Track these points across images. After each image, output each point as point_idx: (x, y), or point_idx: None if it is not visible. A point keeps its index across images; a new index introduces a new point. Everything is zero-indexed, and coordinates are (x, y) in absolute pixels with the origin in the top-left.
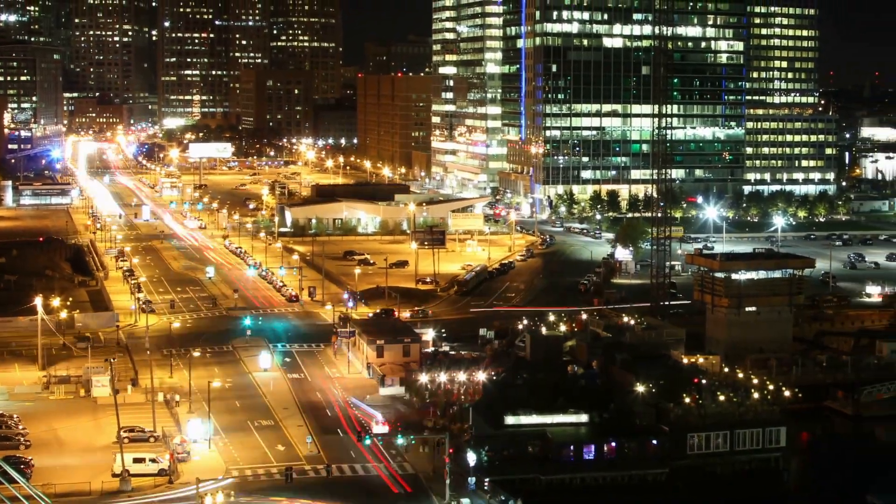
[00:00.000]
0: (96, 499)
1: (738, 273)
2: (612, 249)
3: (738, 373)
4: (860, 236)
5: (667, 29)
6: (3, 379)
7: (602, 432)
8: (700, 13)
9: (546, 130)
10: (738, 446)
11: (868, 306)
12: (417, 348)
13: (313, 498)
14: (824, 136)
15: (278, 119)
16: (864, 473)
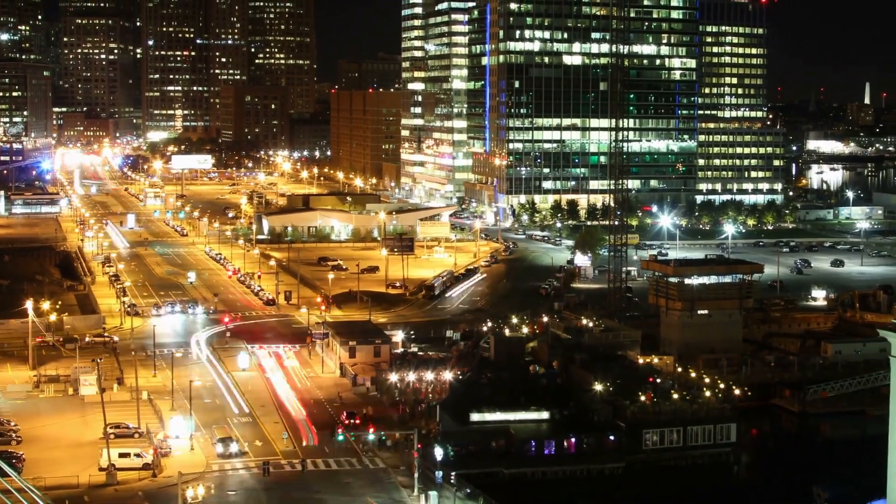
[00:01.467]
0: (84, 491)
1: (690, 278)
2: (572, 256)
3: (690, 372)
4: (806, 243)
5: (623, 47)
6: None
7: (562, 428)
8: (654, 32)
9: (509, 143)
10: (691, 442)
11: (813, 309)
12: (387, 349)
13: (289, 490)
14: (772, 148)
15: (256, 132)
16: (810, 467)
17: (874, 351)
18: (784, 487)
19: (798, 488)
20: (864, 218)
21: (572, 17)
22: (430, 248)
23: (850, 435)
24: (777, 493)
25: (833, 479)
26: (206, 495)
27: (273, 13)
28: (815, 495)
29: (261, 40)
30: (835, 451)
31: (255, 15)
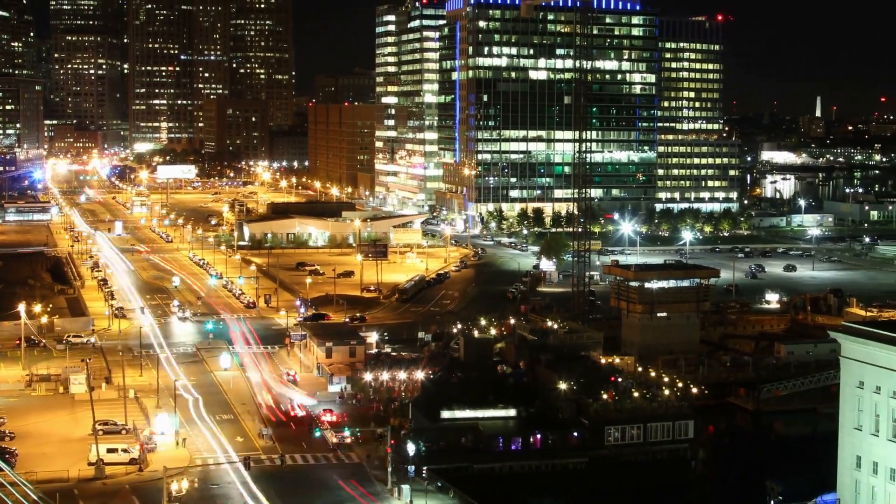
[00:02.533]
0: (74, 485)
1: (650, 282)
2: (538, 261)
3: (650, 372)
4: (760, 249)
5: (586, 63)
6: None
7: (528, 425)
8: (616, 48)
9: (478, 154)
10: (651, 438)
11: (767, 312)
12: (362, 350)
13: (269, 484)
14: (728, 159)
15: (237, 144)
16: (763, 462)
17: (825, 352)
18: (739, 481)
19: (752, 482)
20: (816, 225)
21: (538, 35)
22: (402, 254)
23: (801, 432)
24: (732, 486)
25: (786, 473)
26: (190, 489)
27: (253, 30)
28: (768, 489)
29: (242, 56)
30: (787, 446)
31: (236, 32)
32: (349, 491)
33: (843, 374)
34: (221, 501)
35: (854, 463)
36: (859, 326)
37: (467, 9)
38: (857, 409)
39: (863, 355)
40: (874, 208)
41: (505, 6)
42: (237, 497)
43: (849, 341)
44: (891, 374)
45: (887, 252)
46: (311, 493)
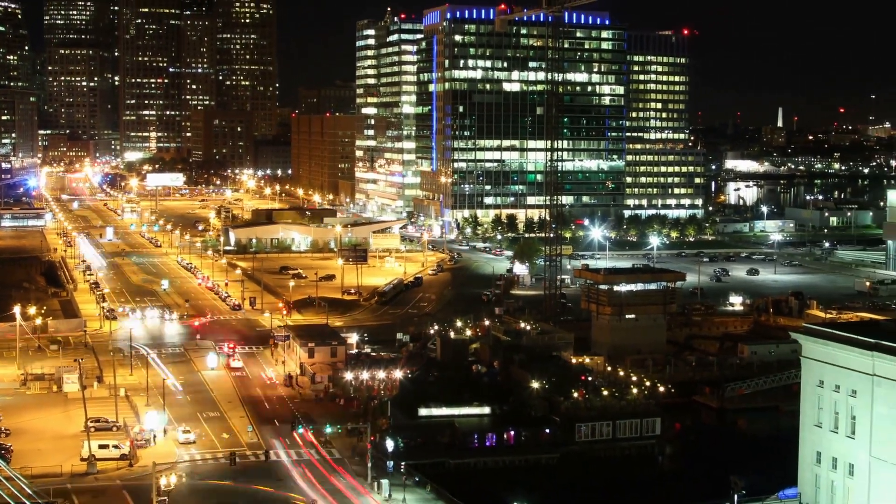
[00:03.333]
0: (67, 479)
1: (619, 285)
2: (511, 265)
3: (619, 371)
4: (724, 254)
5: (558, 75)
6: None
7: (502, 422)
8: (586, 61)
9: (454, 162)
10: (620, 434)
11: (731, 314)
12: (343, 350)
13: (254, 478)
14: (693, 167)
15: (223, 153)
16: (727, 458)
17: (786, 352)
18: (704, 476)
19: (717, 477)
20: (777, 231)
21: (511, 48)
22: (381, 259)
23: (764, 429)
24: (698, 481)
25: (749, 468)
26: (178, 483)
27: (239, 44)
28: (732, 484)
29: (228, 69)
30: (751, 443)
31: (222, 46)
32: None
33: (804, 374)
34: (208, 495)
35: (814, 458)
36: (819, 328)
37: (444, 23)
38: (817, 406)
39: (823, 355)
40: (833, 214)
41: (480, 21)
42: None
43: (809, 342)
44: (849, 373)
45: (846, 256)
46: (296, 486)
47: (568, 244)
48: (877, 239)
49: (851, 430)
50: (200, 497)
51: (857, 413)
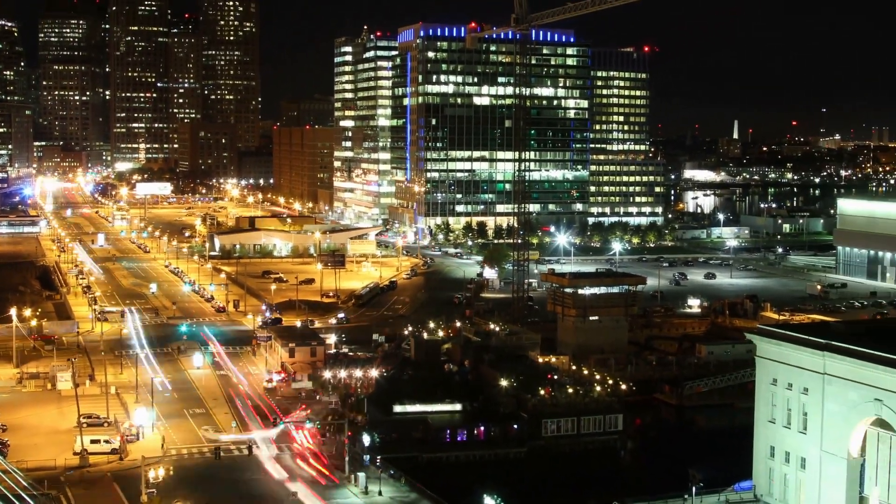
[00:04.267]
0: (60, 472)
1: (583, 289)
2: (481, 269)
3: (583, 370)
4: (683, 259)
5: (525, 90)
6: None
7: (472, 418)
8: (552, 77)
9: (427, 172)
10: (584, 430)
11: (689, 316)
12: (322, 350)
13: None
14: (654, 177)
15: (209, 163)
16: (686, 452)
17: (742, 352)
18: (663, 470)
19: (676, 470)
20: (733, 237)
21: (481, 64)
22: (358, 263)
23: (720, 425)
24: (657, 474)
25: (706, 462)
26: (166, 476)
27: (223, 60)
28: (690, 476)
29: (213, 84)
30: (708, 438)
31: (207, 62)
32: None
33: (759, 372)
34: (194, 487)
35: (768, 453)
36: (773, 329)
37: (417, 41)
38: (770, 403)
39: (776, 355)
40: (786, 222)
41: (451, 38)
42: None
43: (763, 342)
44: (801, 372)
45: (798, 261)
46: (276, 480)
47: (535, 250)
48: (827, 245)
49: (803, 425)
50: (187, 489)
51: (809, 410)
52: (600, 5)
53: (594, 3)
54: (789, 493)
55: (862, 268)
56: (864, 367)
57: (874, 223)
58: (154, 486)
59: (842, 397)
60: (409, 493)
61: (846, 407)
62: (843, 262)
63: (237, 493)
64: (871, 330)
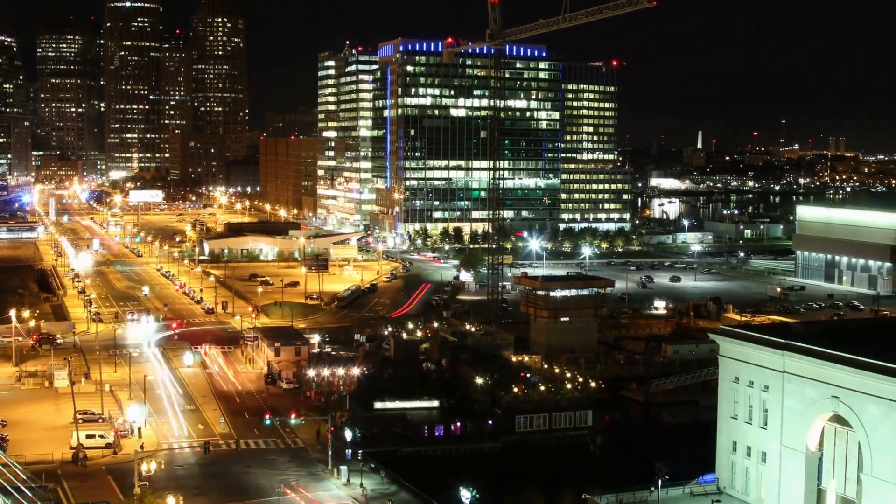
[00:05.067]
0: (57, 466)
1: (555, 291)
2: (458, 273)
3: (555, 368)
4: (649, 263)
5: (499, 102)
6: None
7: (449, 415)
8: (525, 89)
9: (406, 181)
10: (555, 425)
11: (655, 317)
12: (306, 349)
13: (226, 465)
14: (622, 184)
15: (198, 171)
16: (652, 447)
17: (705, 351)
18: (631, 463)
19: (642, 464)
20: (697, 242)
21: (457, 77)
22: (341, 267)
23: (685, 421)
24: (625, 467)
25: (671, 456)
26: (158, 469)
27: (212, 74)
28: (656, 470)
29: (202, 96)
30: (673, 434)
31: (197, 76)
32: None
33: (721, 371)
34: (184, 480)
35: (731, 447)
36: (735, 330)
37: (397, 55)
38: (733, 400)
39: (738, 354)
40: (748, 227)
41: (429, 53)
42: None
43: (726, 342)
44: (762, 370)
45: (759, 265)
46: (262, 473)
47: (509, 254)
48: (787, 249)
49: (764, 421)
50: (177, 481)
51: (769, 406)
52: (570, 22)
53: (565, 20)
54: (750, 485)
55: (820, 271)
56: (821, 366)
57: (831, 229)
58: (146, 479)
59: (800, 394)
60: (389, 485)
61: (805, 404)
62: (802, 266)
63: (225, 486)
64: (829, 330)
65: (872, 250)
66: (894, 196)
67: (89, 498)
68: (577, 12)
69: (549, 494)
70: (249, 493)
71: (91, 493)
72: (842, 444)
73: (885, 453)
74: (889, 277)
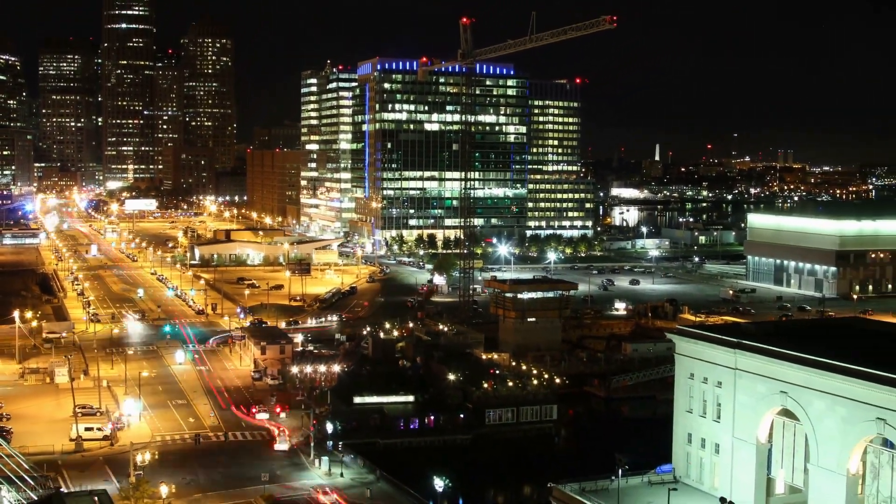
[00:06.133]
0: (58, 456)
1: (522, 293)
2: (431, 276)
3: (522, 365)
4: (610, 267)
5: (470, 117)
6: None
7: (423, 409)
8: (494, 105)
9: (383, 190)
10: (523, 419)
11: (616, 317)
12: (290, 348)
13: (216, 456)
14: (584, 194)
15: (190, 182)
16: (613, 438)
17: (662, 349)
18: (593, 454)
19: (604, 455)
20: (655, 248)
21: (431, 94)
22: (322, 271)
23: (644, 414)
24: (588, 458)
25: (631, 448)
26: (152, 459)
27: (203, 91)
28: (616, 460)
29: (193, 111)
30: (632, 426)
31: (189, 92)
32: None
33: (678, 368)
34: (177, 469)
35: (686, 439)
36: (690, 329)
37: (374, 73)
38: (688, 395)
39: (693, 352)
40: (702, 234)
41: (405, 71)
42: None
43: (682, 341)
44: (715, 367)
45: (712, 269)
46: (250, 462)
47: (479, 259)
48: (738, 254)
49: (717, 415)
50: (170, 470)
51: (722, 401)
52: (536, 42)
53: (531, 41)
54: (705, 475)
55: (769, 275)
56: (771, 363)
57: (780, 235)
58: (141, 468)
59: (751, 390)
60: (367, 474)
61: (755, 398)
62: (753, 270)
63: (215, 474)
64: (778, 330)
65: (818, 255)
66: (839, 205)
67: (88, 486)
68: (543, 33)
69: (516, 483)
70: (236, 481)
71: (89, 481)
72: (790, 436)
73: (830, 444)
74: (834, 281)
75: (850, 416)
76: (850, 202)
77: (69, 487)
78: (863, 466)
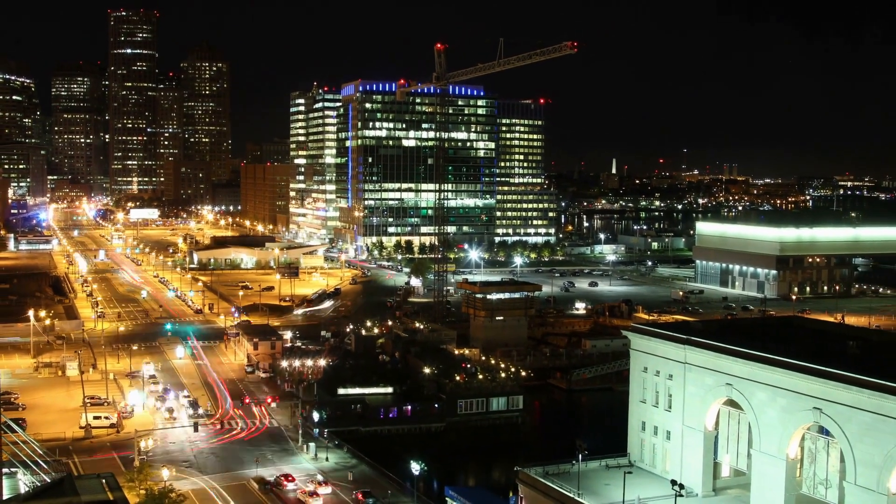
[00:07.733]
0: (69, 443)
1: (491, 294)
2: (409, 279)
3: (491, 360)
4: (571, 270)
5: (444, 134)
6: (7, 364)
7: (401, 399)
8: (466, 123)
9: (365, 200)
10: (491, 409)
11: (576, 316)
12: (280, 344)
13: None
14: (548, 203)
15: (189, 193)
16: (574, 426)
17: (619, 345)
18: (556, 441)
19: (566, 441)
20: (612, 253)
21: (408, 113)
22: (309, 274)
23: (601, 404)
24: (551, 444)
25: (590, 435)
26: (155, 445)
27: (200, 110)
28: (577, 446)
29: (192, 129)
30: (591, 415)
31: (188, 112)
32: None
33: (632, 362)
34: (177, 454)
35: (640, 427)
36: (644, 327)
37: (357, 94)
38: (642, 387)
39: (646, 348)
40: (654, 240)
41: (384, 92)
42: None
43: (636, 338)
44: (667, 361)
45: (664, 272)
46: (244, 448)
47: (452, 263)
48: (688, 259)
49: (668, 405)
50: (171, 455)
51: (673, 392)
52: (504, 66)
53: (499, 64)
54: (657, 459)
55: (716, 277)
56: (717, 358)
57: (725, 241)
58: (145, 454)
59: (699, 382)
60: (350, 459)
61: (703, 390)
62: (701, 273)
63: (211, 458)
64: (723, 328)
65: (760, 260)
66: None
67: (96, 470)
68: (510, 58)
69: (486, 467)
70: (231, 465)
71: (97, 466)
72: (734, 424)
73: (771, 432)
74: (774, 283)
75: (789, 405)
76: (789, 211)
77: (79, 471)
78: (801, 451)
